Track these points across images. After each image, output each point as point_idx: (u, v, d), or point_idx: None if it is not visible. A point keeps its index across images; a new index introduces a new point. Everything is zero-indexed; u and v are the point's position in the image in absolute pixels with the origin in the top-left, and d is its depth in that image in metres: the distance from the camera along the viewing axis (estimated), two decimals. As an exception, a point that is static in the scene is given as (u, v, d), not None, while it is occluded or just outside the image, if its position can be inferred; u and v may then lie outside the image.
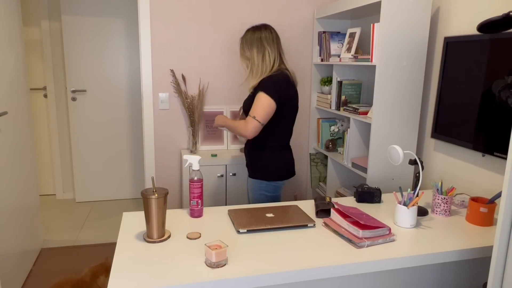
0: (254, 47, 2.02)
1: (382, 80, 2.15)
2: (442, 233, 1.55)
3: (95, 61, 3.81)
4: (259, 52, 2.01)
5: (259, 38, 2.02)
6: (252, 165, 2.11)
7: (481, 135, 1.86)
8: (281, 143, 2.07)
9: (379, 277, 1.56)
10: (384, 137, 2.22)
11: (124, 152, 4.05)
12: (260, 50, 2.01)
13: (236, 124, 2.01)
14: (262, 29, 2.05)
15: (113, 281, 1.17)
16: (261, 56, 2.00)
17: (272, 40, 2.03)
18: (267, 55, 2.00)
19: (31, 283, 2.52)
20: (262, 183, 2.06)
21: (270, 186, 2.06)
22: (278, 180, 2.06)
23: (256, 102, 1.93)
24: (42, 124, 3.99)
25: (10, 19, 2.47)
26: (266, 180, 2.05)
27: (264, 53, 2.00)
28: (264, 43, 2.01)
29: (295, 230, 1.53)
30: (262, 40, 2.01)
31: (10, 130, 2.40)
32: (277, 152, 2.06)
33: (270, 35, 2.03)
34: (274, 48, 2.02)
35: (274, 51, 2.01)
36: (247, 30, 2.09)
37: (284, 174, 2.08)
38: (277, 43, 2.05)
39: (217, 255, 1.24)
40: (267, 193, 2.07)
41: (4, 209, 2.25)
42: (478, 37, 1.86)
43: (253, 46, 2.02)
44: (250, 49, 2.03)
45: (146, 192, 1.40)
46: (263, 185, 2.06)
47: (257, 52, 2.01)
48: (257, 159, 2.07)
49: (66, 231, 3.31)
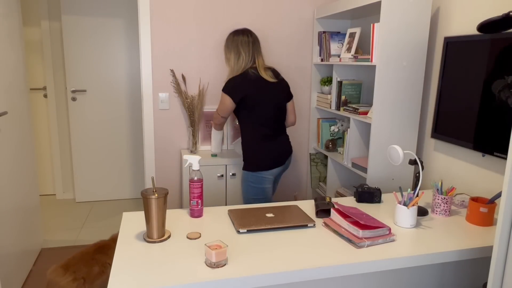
0: (232, 51, 2.27)
1: (382, 80, 2.15)
2: (442, 233, 1.55)
3: (95, 61, 3.81)
4: (235, 55, 2.27)
5: (237, 43, 2.26)
6: (243, 157, 2.33)
7: (481, 135, 1.86)
8: (262, 133, 2.26)
9: (379, 277, 1.56)
10: (384, 137, 2.22)
11: (124, 152, 4.05)
12: (237, 54, 2.26)
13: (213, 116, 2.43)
14: (241, 34, 2.28)
15: (113, 281, 1.17)
16: (237, 59, 2.26)
17: (247, 44, 2.25)
18: (241, 59, 2.25)
19: (31, 283, 2.52)
20: (248, 174, 2.28)
21: (254, 177, 2.26)
22: (260, 170, 2.25)
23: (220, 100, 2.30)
24: (42, 124, 3.99)
25: (10, 19, 2.47)
26: (250, 170, 2.26)
27: (239, 56, 2.25)
28: (240, 48, 2.25)
29: (295, 230, 1.54)
30: (239, 45, 2.25)
31: (10, 130, 2.40)
32: (259, 142, 2.26)
33: (247, 40, 2.26)
34: (249, 52, 2.25)
35: (249, 55, 2.25)
36: (229, 34, 2.33)
37: (266, 164, 2.25)
38: (253, 46, 2.27)
39: (217, 255, 1.24)
40: (253, 184, 2.26)
41: (4, 209, 2.25)
42: (478, 37, 1.86)
43: (231, 49, 2.27)
44: (230, 52, 2.28)
45: (146, 192, 1.40)
46: (249, 175, 2.27)
47: (234, 55, 2.27)
48: (244, 151, 2.31)
49: (66, 231, 3.31)
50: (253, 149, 2.26)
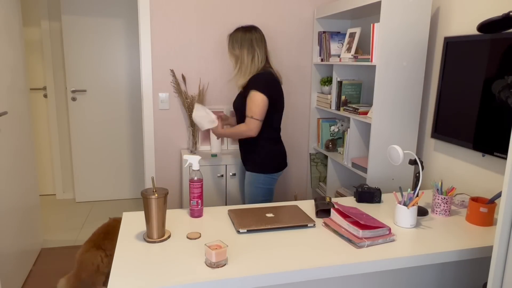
0: (244, 48, 2.12)
1: (382, 80, 2.15)
2: (442, 233, 1.55)
3: (95, 61, 3.81)
4: (249, 53, 2.12)
5: (250, 40, 2.13)
6: (249, 159, 2.21)
7: (481, 135, 1.86)
8: (275, 137, 2.20)
9: (379, 277, 1.56)
10: (384, 137, 2.22)
11: (124, 152, 4.05)
12: (250, 51, 2.12)
13: (237, 131, 2.13)
14: (253, 30, 2.16)
15: (113, 281, 1.17)
16: (251, 57, 2.12)
17: (261, 41, 2.15)
18: (256, 57, 2.12)
19: (31, 283, 2.52)
20: (258, 176, 2.17)
21: (266, 179, 2.18)
22: (274, 172, 2.19)
23: (251, 101, 2.06)
24: (42, 124, 3.99)
25: (10, 19, 2.47)
26: (263, 173, 2.17)
27: (254, 54, 2.12)
28: (254, 45, 2.12)
29: (295, 230, 1.53)
30: (253, 42, 2.13)
31: (10, 130, 2.40)
32: (272, 145, 2.19)
33: (260, 37, 2.15)
34: (262, 49, 2.14)
35: (263, 52, 2.14)
36: (237, 29, 2.18)
37: (278, 166, 2.21)
38: (265, 44, 2.17)
39: (217, 255, 1.24)
40: (264, 186, 2.19)
41: (4, 209, 2.25)
42: (478, 37, 1.86)
43: (243, 46, 2.13)
44: (241, 49, 2.13)
45: (146, 192, 1.40)
46: (259, 177, 2.17)
47: (247, 52, 2.12)
48: (254, 153, 2.18)
49: (66, 231, 3.31)
50: (266, 151, 2.17)
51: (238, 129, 2.12)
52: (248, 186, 2.21)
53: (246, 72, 2.12)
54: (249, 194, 2.22)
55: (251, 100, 2.05)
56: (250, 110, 2.05)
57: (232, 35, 2.18)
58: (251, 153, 2.19)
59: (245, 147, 2.23)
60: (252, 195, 2.21)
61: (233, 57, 2.18)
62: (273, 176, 2.19)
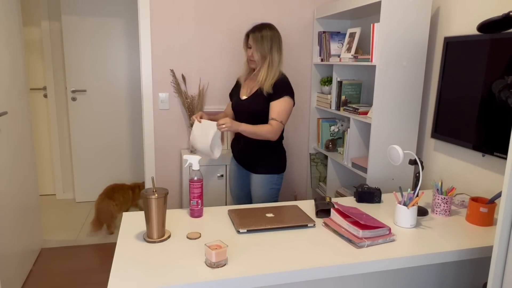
0: (275, 47, 2.00)
1: (382, 80, 2.15)
2: (442, 233, 1.55)
3: (95, 61, 3.81)
4: (279, 53, 2.02)
5: (278, 39, 2.03)
6: (261, 162, 2.13)
7: (481, 135, 1.86)
8: (282, 137, 2.19)
9: (379, 277, 1.56)
10: (384, 137, 2.22)
11: (124, 152, 4.05)
12: (279, 51, 2.02)
13: (261, 131, 1.98)
14: (275, 29, 2.05)
15: (113, 281, 1.17)
16: (279, 58, 2.02)
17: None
18: (281, 58, 2.04)
19: (31, 283, 2.52)
20: (273, 177, 2.13)
21: (279, 179, 2.16)
22: (284, 171, 2.20)
23: (282, 106, 1.98)
24: (42, 124, 3.99)
25: (10, 19, 2.47)
26: (277, 173, 2.14)
27: (281, 55, 2.03)
28: (281, 45, 2.04)
29: (295, 230, 1.53)
30: (280, 42, 2.04)
31: (10, 130, 2.40)
32: (280, 145, 2.19)
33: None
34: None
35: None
36: (263, 26, 2.04)
37: (285, 165, 2.22)
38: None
39: (217, 255, 1.24)
40: (277, 186, 2.17)
41: (4, 209, 2.25)
42: (478, 37, 1.86)
43: (274, 45, 2.00)
44: (271, 48, 1.99)
45: (146, 192, 1.40)
46: (274, 178, 2.13)
47: (277, 53, 2.01)
48: (267, 156, 2.13)
49: (66, 231, 3.31)
50: (278, 152, 2.17)
51: (261, 129, 1.97)
52: (260, 188, 2.13)
53: (275, 74, 2.00)
54: (262, 196, 2.14)
55: (283, 105, 1.98)
56: (280, 115, 1.97)
57: (258, 32, 2.00)
58: (264, 155, 2.12)
59: (256, 151, 2.12)
60: (266, 197, 2.13)
61: (260, 55, 2.01)
62: (283, 175, 2.20)
